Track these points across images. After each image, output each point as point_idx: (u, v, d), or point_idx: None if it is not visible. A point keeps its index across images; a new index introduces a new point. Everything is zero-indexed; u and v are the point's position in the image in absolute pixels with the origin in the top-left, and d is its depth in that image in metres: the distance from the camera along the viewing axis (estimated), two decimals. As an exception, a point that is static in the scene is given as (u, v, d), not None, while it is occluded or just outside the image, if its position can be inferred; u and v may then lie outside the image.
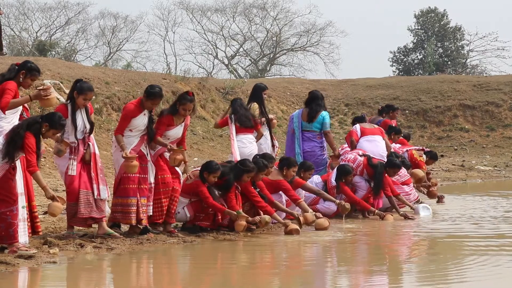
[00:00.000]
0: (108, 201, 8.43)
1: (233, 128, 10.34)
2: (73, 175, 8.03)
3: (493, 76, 38.13)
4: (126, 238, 8.06)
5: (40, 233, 7.64)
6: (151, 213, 8.40)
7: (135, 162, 8.24)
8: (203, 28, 52.45)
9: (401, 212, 10.88)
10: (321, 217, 9.60)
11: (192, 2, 73.17)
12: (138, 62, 49.49)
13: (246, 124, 10.36)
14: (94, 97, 20.21)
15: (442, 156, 26.22)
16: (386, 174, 10.94)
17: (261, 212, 9.23)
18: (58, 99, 8.48)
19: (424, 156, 13.08)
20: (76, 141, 8.10)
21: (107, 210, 8.38)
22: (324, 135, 11.49)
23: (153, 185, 8.42)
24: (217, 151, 22.04)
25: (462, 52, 50.14)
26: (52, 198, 7.14)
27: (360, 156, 11.08)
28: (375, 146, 11.48)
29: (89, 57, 48.96)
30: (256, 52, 52.74)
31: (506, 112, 30.36)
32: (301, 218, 9.34)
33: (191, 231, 8.69)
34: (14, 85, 7.50)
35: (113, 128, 19.73)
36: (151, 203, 8.42)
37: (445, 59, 49.47)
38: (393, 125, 13.13)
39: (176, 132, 8.75)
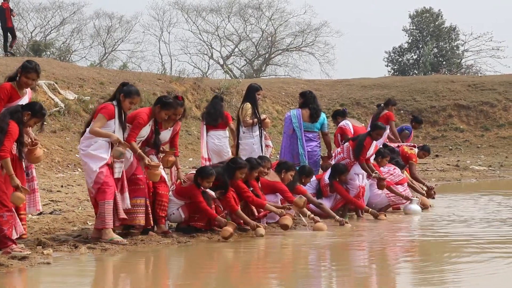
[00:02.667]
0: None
1: (203, 126, 10.92)
2: (116, 177, 7.99)
3: (488, 76, 38.20)
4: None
5: (24, 237, 7.45)
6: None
7: (159, 171, 8.31)
8: (198, 28, 52.49)
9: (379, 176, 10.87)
10: (319, 221, 9.60)
11: (187, 2, 73.17)
12: (133, 63, 49.49)
13: (211, 123, 10.84)
14: (89, 97, 20.23)
15: (437, 156, 26.27)
16: (371, 141, 10.89)
17: (255, 211, 9.24)
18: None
19: (415, 149, 13.11)
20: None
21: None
22: (324, 136, 11.57)
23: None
24: (212, 152, 22.00)
25: (457, 52, 50.21)
26: (17, 188, 7.04)
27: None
28: None
29: (84, 57, 48.94)
30: (251, 52, 52.76)
31: (500, 112, 30.42)
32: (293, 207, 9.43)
33: (186, 231, 8.69)
34: (5, 88, 7.46)
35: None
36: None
37: (440, 59, 49.52)
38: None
39: (164, 136, 8.75)
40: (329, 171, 10.89)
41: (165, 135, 8.80)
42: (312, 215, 9.66)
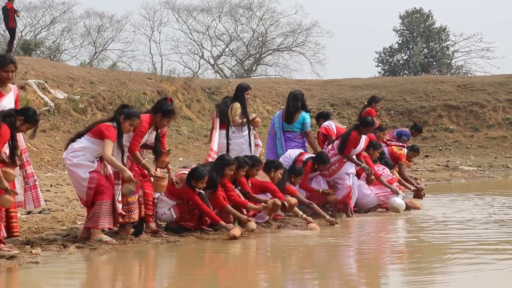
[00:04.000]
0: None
1: (217, 120, 10.87)
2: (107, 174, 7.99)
3: (478, 76, 38.35)
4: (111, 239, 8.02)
5: (16, 235, 7.42)
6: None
7: (165, 182, 8.33)
8: (189, 28, 52.50)
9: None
10: (312, 222, 9.60)
11: (178, 1, 73.16)
12: (123, 62, 49.47)
13: (224, 122, 10.82)
14: (79, 96, 20.18)
15: (426, 156, 26.35)
16: (358, 135, 10.85)
17: (244, 211, 9.24)
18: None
19: (404, 149, 13.13)
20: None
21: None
22: (305, 136, 11.57)
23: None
24: (202, 151, 22.00)
25: (447, 52, 50.37)
26: (5, 190, 6.97)
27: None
28: None
29: (74, 56, 48.89)
30: (242, 52, 52.79)
31: (490, 112, 30.54)
32: (285, 203, 9.40)
33: (175, 231, 8.68)
34: None
35: (98, 128, 19.67)
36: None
37: (430, 59, 49.67)
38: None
39: (149, 138, 8.66)
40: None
41: (150, 136, 8.75)
42: (305, 215, 9.68)
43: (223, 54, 52.92)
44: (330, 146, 11.22)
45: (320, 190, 10.73)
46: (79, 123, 19.31)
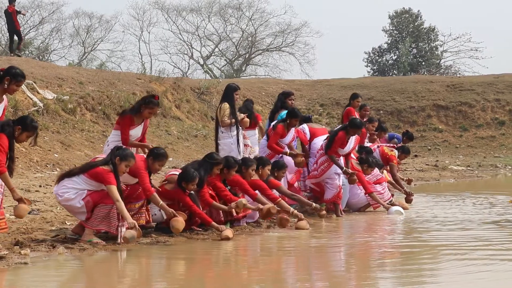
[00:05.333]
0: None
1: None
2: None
3: (466, 76, 38.48)
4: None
5: (5, 231, 7.44)
6: None
7: (182, 220, 8.32)
8: (179, 28, 52.45)
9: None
10: (303, 219, 9.61)
11: (167, 2, 72.79)
12: (113, 62, 49.36)
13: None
14: (67, 97, 20.14)
15: (416, 156, 26.42)
16: (344, 136, 10.86)
17: (234, 211, 9.22)
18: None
19: (395, 151, 13.14)
20: None
21: None
22: None
23: None
24: (192, 151, 21.99)
25: (436, 53, 50.53)
26: (19, 200, 7.10)
27: None
28: None
29: (63, 56, 48.69)
30: (232, 52, 52.79)
31: (479, 112, 30.65)
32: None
33: (165, 231, 8.67)
34: None
35: (87, 128, 19.64)
36: None
37: (419, 59, 49.80)
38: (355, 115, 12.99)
39: (135, 132, 8.92)
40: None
41: (138, 131, 8.97)
42: (296, 211, 9.68)
43: (213, 54, 52.92)
44: (319, 146, 11.23)
45: (288, 152, 10.83)
46: (68, 123, 19.25)
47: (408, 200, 12.71)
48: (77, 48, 50.12)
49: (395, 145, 13.68)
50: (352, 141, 11.05)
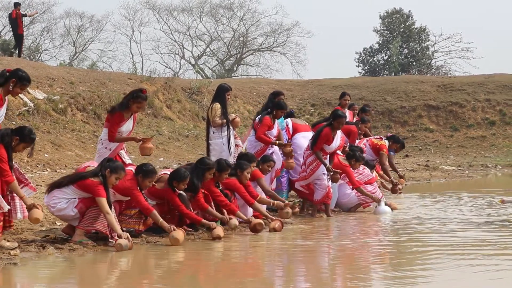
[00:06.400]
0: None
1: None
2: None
3: (457, 76, 38.57)
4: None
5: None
6: None
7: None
8: (170, 28, 52.43)
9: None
10: (275, 220, 9.50)
11: (159, 2, 72.93)
12: (104, 62, 49.28)
13: None
14: (58, 97, 20.09)
15: (406, 156, 26.47)
16: (330, 131, 10.82)
17: (224, 210, 9.23)
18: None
19: (385, 140, 13.24)
20: None
21: None
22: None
23: None
24: (183, 152, 21.97)
25: (427, 53, 50.64)
26: (32, 206, 7.23)
27: None
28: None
29: (54, 56, 48.62)
30: (223, 52, 52.79)
31: (469, 112, 30.73)
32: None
33: (155, 231, 8.66)
34: None
35: (78, 128, 19.59)
36: None
37: (410, 59, 49.91)
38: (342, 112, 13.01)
39: (127, 126, 8.99)
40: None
41: (129, 125, 9.01)
42: (267, 214, 9.67)
43: (204, 54, 52.90)
44: (306, 147, 11.20)
45: (277, 142, 10.86)
46: (59, 123, 19.20)
47: (394, 190, 12.82)
48: (68, 48, 50.09)
49: (382, 137, 13.75)
50: (339, 138, 11.02)
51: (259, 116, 11.34)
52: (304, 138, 11.69)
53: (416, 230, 9.68)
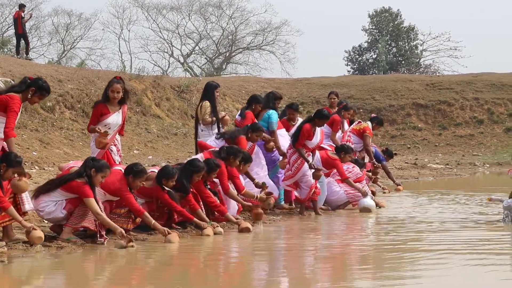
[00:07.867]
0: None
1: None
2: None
3: (446, 75, 38.72)
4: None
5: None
6: None
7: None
8: (159, 26, 52.33)
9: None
10: (243, 222, 9.31)
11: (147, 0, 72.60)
12: (92, 60, 49.11)
13: None
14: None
15: (395, 154, 26.53)
16: (310, 127, 10.74)
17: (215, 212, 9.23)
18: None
19: (368, 122, 13.54)
20: None
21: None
22: (271, 134, 11.33)
23: None
24: (171, 150, 21.95)
25: (416, 51, 50.79)
26: (30, 230, 7.24)
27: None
28: (285, 140, 11.38)
29: (42, 54, 48.42)
30: (212, 51, 52.75)
31: (458, 111, 30.85)
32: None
33: (143, 229, 8.64)
34: (19, 102, 7.58)
35: (66, 126, 19.53)
36: None
37: (399, 58, 50.03)
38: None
39: (114, 119, 8.98)
40: None
41: (117, 118, 9.03)
42: (238, 220, 9.39)
43: (193, 52, 52.86)
44: (288, 146, 11.11)
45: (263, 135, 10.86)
46: (47, 121, 19.14)
47: (375, 173, 13.06)
48: (56, 46, 49.91)
49: (360, 120, 14.02)
50: (318, 134, 10.96)
51: (240, 112, 11.46)
52: (280, 137, 11.47)
53: (409, 228, 9.71)
